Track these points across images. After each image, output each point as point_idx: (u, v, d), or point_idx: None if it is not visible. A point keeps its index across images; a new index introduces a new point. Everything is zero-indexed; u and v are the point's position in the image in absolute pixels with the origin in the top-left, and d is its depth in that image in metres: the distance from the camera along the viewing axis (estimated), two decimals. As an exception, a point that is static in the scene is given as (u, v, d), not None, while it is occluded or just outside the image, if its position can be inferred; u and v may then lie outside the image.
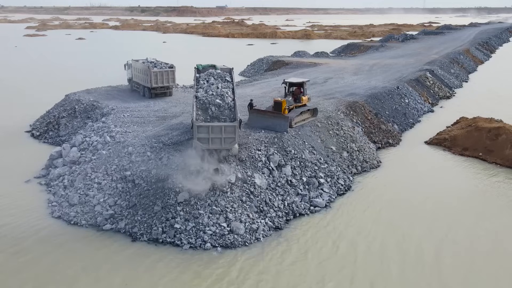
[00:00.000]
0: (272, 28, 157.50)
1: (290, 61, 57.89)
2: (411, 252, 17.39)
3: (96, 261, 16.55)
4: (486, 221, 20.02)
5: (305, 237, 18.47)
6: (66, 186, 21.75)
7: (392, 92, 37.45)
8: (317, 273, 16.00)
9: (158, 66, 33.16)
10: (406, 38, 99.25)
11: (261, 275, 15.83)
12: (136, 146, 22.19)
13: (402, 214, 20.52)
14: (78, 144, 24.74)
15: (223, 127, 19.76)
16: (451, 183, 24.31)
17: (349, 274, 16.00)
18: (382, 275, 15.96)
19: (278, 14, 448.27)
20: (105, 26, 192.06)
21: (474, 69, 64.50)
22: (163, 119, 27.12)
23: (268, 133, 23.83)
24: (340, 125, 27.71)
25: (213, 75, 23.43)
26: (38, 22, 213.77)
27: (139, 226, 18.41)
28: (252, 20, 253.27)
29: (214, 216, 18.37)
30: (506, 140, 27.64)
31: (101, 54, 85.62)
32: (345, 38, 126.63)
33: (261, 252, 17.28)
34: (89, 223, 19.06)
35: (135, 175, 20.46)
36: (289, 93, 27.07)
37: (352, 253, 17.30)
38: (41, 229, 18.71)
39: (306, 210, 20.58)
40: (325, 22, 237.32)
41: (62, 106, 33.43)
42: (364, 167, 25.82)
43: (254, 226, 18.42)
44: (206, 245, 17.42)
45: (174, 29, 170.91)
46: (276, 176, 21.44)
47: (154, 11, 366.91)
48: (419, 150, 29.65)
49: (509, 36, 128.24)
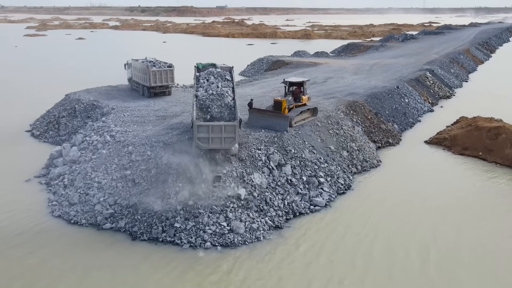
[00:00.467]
0: (272, 28, 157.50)
1: (290, 61, 57.89)
2: (412, 251, 17.38)
3: (96, 260, 16.55)
4: (486, 220, 20.02)
5: (305, 236, 18.47)
6: (66, 185, 21.76)
7: (392, 91, 37.46)
8: (317, 272, 16.00)
9: (157, 66, 33.20)
10: (406, 38, 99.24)
11: (261, 275, 15.84)
12: (136, 145, 22.19)
13: (402, 213, 20.52)
14: (78, 144, 24.76)
15: (223, 126, 19.68)
16: (451, 182, 24.32)
17: (349, 273, 16.00)
18: (382, 274, 15.97)
19: (278, 14, 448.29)
20: (105, 26, 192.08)
21: (474, 69, 64.50)
22: (163, 119, 27.13)
23: (268, 133, 23.83)
24: (340, 125, 27.71)
25: (213, 74, 23.39)
26: (38, 22, 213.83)
27: (139, 225, 18.42)
28: (252, 20, 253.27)
29: (214, 216, 18.38)
30: (506, 139, 27.64)
31: (101, 54, 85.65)
32: (345, 38, 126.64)
33: (261, 251, 17.28)
34: (89, 222, 19.07)
35: (135, 174, 20.47)
36: (289, 92, 27.07)
37: (352, 252, 17.29)
38: (41, 228, 18.72)
39: (306, 209, 20.58)
40: (325, 22, 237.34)
41: (62, 106, 33.44)
42: (364, 166, 25.83)
43: (254, 226, 18.43)
44: (206, 244, 17.42)
45: (174, 29, 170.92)
46: (276, 175, 21.44)
47: (154, 11, 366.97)
48: (419, 150, 29.65)
49: (509, 36, 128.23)
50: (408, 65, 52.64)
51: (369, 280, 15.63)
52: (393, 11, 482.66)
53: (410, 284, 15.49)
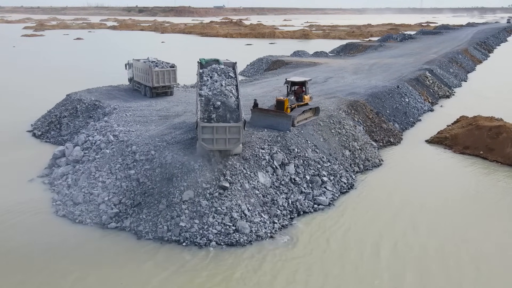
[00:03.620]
0: (270, 28, 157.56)
1: (290, 61, 58.00)
2: (414, 250, 17.48)
3: (101, 260, 16.58)
4: (488, 219, 20.14)
5: (309, 235, 18.54)
6: (70, 185, 21.76)
7: (393, 91, 37.60)
8: (322, 271, 16.08)
9: (160, 66, 33.16)
10: (404, 38, 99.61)
11: (266, 273, 15.90)
12: (140, 145, 22.22)
13: (404, 212, 20.63)
14: (81, 143, 24.77)
15: (228, 127, 19.63)
16: (453, 181, 24.46)
17: (353, 271, 16.09)
18: (386, 272, 16.05)
19: (276, 14, 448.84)
20: (103, 26, 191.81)
21: (473, 69, 64.81)
22: (165, 118, 27.17)
23: (271, 132, 23.91)
24: (342, 124, 27.82)
25: (217, 70, 23.19)
26: (36, 22, 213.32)
27: (144, 225, 18.46)
28: (250, 20, 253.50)
29: (219, 216, 18.40)
30: (506, 138, 27.80)
31: (100, 54, 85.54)
32: (343, 38, 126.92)
33: (265, 250, 17.34)
34: (94, 221, 19.08)
35: (139, 173, 20.51)
36: (291, 92, 27.16)
37: (355, 251, 17.38)
38: (46, 228, 18.72)
39: (310, 208, 20.66)
40: (323, 22, 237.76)
41: (63, 106, 33.41)
42: (366, 165, 25.94)
43: (259, 225, 18.48)
44: (211, 243, 17.47)
45: (172, 29, 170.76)
46: (280, 175, 21.52)
47: (151, 11, 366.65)
48: (420, 149, 29.78)
49: (507, 35, 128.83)
50: (408, 64, 52.83)
51: (373, 279, 15.71)
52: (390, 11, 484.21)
53: (412, 282, 15.58)
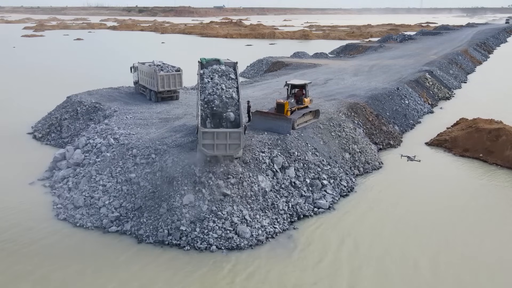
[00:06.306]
0: (270, 29, 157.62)
1: (290, 62, 58.02)
2: (414, 254, 17.53)
3: (102, 263, 16.63)
4: (488, 222, 20.20)
5: (309, 238, 18.59)
6: (70, 188, 21.82)
7: (392, 93, 37.65)
8: (322, 274, 16.13)
9: (165, 70, 32.61)
10: (404, 39, 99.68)
11: (266, 277, 15.95)
12: (141, 148, 22.27)
13: (404, 215, 20.69)
14: (82, 146, 24.80)
15: (229, 133, 19.62)
16: (453, 184, 24.52)
17: (354, 275, 16.14)
18: (385, 276, 16.12)
19: (276, 14, 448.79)
20: (103, 27, 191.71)
21: (473, 70, 64.81)
22: (166, 121, 27.20)
23: (271, 135, 23.95)
24: (342, 127, 27.86)
25: (218, 72, 22.98)
26: (36, 22, 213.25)
27: (145, 228, 18.51)
28: (250, 20, 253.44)
29: (220, 221, 18.44)
30: (506, 141, 27.85)
31: (100, 55, 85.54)
32: (343, 38, 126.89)
33: (266, 254, 17.39)
34: (94, 225, 19.14)
35: (140, 177, 20.56)
36: (291, 94, 27.20)
37: (356, 254, 17.44)
38: (46, 231, 18.77)
39: (310, 211, 20.70)
40: (322, 22, 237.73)
41: (64, 108, 33.43)
42: (366, 168, 25.99)
43: (260, 229, 18.52)
44: (212, 247, 17.52)
45: (172, 29, 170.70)
46: (280, 178, 21.56)
47: (151, 11, 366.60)
48: (420, 151, 29.77)
49: (507, 36, 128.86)
50: (407, 66, 52.88)
51: (373, 282, 15.77)
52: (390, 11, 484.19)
53: (416, 284, 15.63)
